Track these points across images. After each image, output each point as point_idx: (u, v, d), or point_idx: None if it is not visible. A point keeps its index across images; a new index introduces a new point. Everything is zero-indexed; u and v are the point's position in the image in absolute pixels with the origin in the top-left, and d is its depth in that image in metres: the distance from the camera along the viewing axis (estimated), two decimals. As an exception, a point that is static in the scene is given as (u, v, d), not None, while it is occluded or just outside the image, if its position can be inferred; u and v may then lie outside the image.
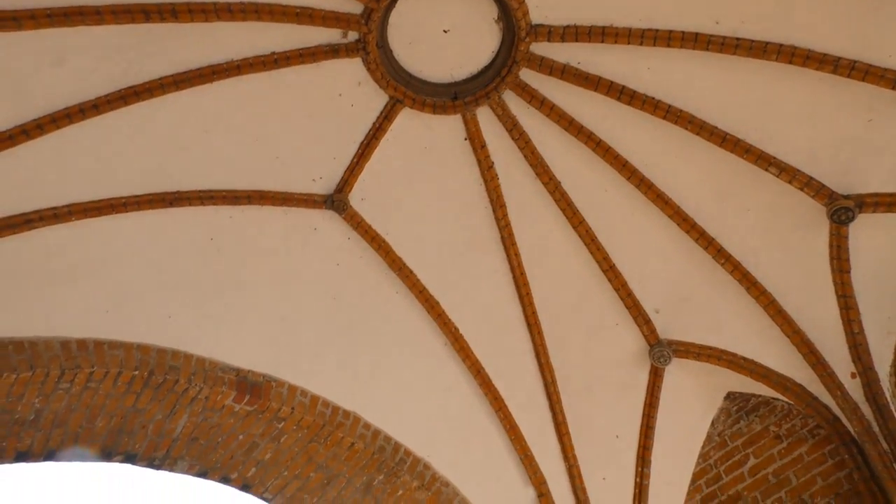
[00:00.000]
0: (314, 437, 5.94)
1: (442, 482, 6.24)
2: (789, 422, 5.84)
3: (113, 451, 5.55)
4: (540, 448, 6.39)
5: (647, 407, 6.39)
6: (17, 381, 4.65)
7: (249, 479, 6.18)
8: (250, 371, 5.66)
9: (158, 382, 5.25)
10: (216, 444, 5.81)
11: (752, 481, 5.92)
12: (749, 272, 5.70)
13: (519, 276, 6.22)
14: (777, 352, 5.78)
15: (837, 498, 5.31)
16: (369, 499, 6.29)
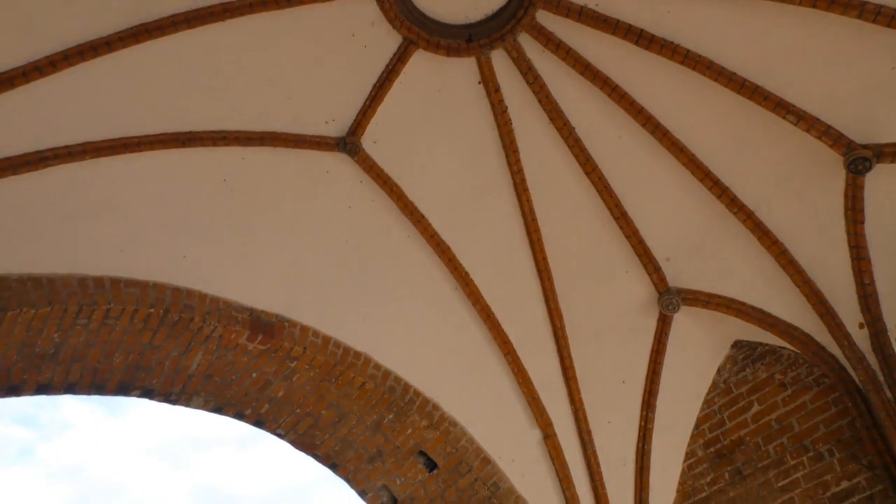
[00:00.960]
0: (326, 376, 6.06)
1: (450, 422, 6.38)
2: (794, 370, 5.90)
3: (130, 385, 5.71)
4: (547, 391, 6.50)
5: (653, 354, 6.46)
6: (37, 316, 4.75)
7: (263, 416, 6.35)
8: (263, 311, 5.74)
9: (174, 320, 5.35)
10: (230, 381, 5.96)
11: (755, 427, 6.02)
12: (761, 221, 5.68)
13: (530, 221, 6.23)
14: (786, 301, 5.80)
15: (838, 444, 5.40)
16: (379, 437, 6.46)
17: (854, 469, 5.24)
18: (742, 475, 5.96)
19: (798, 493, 5.51)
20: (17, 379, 5.18)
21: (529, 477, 6.41)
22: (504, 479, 6.38)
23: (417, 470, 6.58)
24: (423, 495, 6.64)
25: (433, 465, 6.51)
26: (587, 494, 6.42)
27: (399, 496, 6.75)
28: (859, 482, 5.18)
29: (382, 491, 6.79)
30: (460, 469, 6.42)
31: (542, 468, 6.46)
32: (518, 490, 6.36)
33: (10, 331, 4.74)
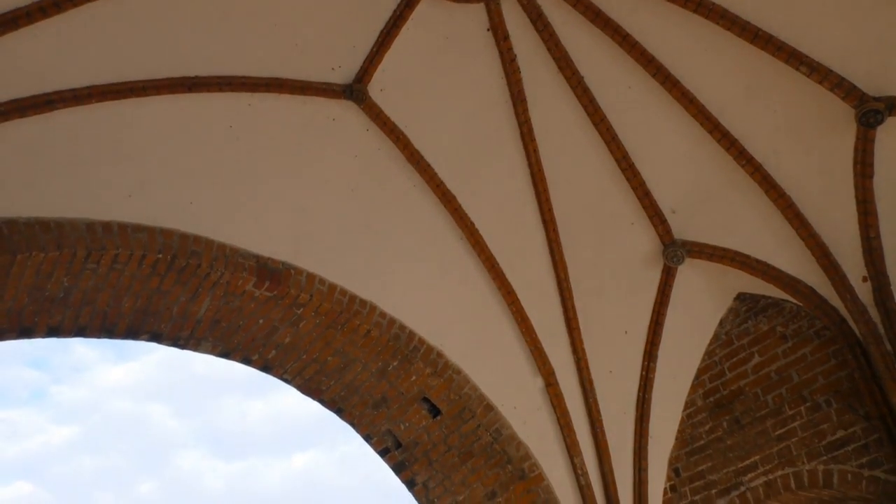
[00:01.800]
0: (332, 323, 6.13)
1: (454, 370, 6.48)
2: (796, 323, 5.95)
3: (139, 329, 5.79)
4: (549, 341, 6.58)
5: (657, 305, 6.52)
6: (46, 259, 4.79)
7: (270, 361, 6.45)
8: (270, 258, 5.78)
9: (181, 266, 5.39)
10: (237, 326, 6.03)
11: (755, 378, 6.11)
12: (769, 174, 5.66)
13: (536, 172, 6.22)
14: (790, 255, 5.83)
15: (836, 395, 5.49)
16: (384, 383, 6.57)
17: (850, 419, 5.34)
18: (740, 424, 6.08)
19: (794, 441, 5.63)
20: (29, 322, 5.25)
21: (531, 424, 6.54)
22: (506, 426, 6.51)
23: (421, 416, 6.71)
24: (426, 440, 6.78)
25: (437, 412, 6.64)
26: (587, 441, 6.55)
27: (403, 441, 6.90)
28: (855, 431, 5.29)
29: (387, 436, 6.94)
30: (463, 415, 6.55)
31: (544, 415, 6.58)
32: (520, 436, 6.49)
33: (21, 274, 4.79)
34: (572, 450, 6.49)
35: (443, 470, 6.80)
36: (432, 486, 6.94)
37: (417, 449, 6.85)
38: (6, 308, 5.03)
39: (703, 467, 6.23)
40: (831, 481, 5.29)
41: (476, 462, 6.61)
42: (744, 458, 5.93)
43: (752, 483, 5.79)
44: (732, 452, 6.04)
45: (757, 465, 5.81)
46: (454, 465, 6.73)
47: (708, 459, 6.23)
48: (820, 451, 5.44)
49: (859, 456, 5.20)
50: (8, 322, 5.16)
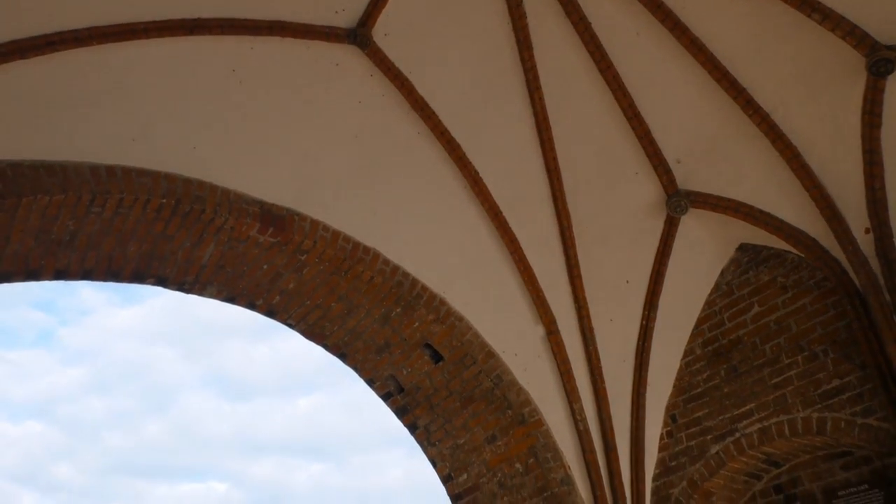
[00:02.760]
0: (335, 269, 6.18)
1: (456, 317, 6.55)
2: (797, 273, 5.98)
3: (145, 273, 5.84)
4: (551, 290, 6.63)
5: (659, 255, 6.54)
6: (51, 203, 4.81)
7: (274, 307, 6.52)
8: (273, 204, 5.79)
9: (185, 211, 5.41)
10: (242, 272, 6.08)
11: (754, 327, 6.17)
12: (776, 124, 5.61)
13: (542, 120, 6.18)
14: (794, 205, 5.82)
15: (834, 345, 5.55)
16: (387, 329, 6.65)
17: (847, 368, 5.41)
18: (737, 372, 6.17)
19: (790, 389, 5.71)
20: (36, 265, 5.30)
21: (532, 371, 6.64)
22: (507, 372, 6.60)
23: (423, 361, 6.81)
24: (428, 385, 6.90)
25: (439, 358, 6.73)
26: (587, 388, 6.65)
27: (405, 386, 7.02)
28: (850, 380, 5.36)
29: (389, 380, 7.06)
30: (465, 361, 6.65)
31: (545, 363, 6.67)
32: (520, 382, 6.60)
33: (27, 217, 4.82)
34: (572, 396, 6.60)
35: (444, 414, 6.94)
36: (433, 430, 7.09)
37: (419, 394, 6.98)
38: (13, 250, 5.08)
39: (700, 414, 6.34)
40: (825, 428, 5.39)
41: (477, 407, 6.74)
42: (740, 406, 6.03)
43: (747, 429, 5.90)
44: (729, 400, 6.15)
45: (752, 413, 5.92)
46: (455, 409, 6.86)
47: (704, 406, 6.34)
48: (815, 399, 5.53)
49: (853, 404, 5.29)
50: (15, 264, 5.21)
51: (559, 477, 6.39)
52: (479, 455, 6.83)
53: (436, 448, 7.15)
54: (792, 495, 5.92)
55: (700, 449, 6.21)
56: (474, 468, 6.87)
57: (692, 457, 6.25)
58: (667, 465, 6.43)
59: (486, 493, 6.79)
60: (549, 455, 6.45)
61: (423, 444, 7.24)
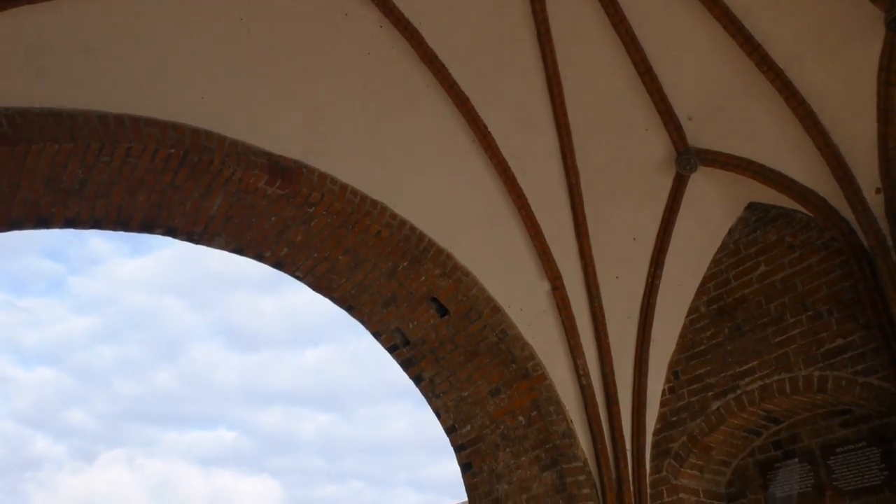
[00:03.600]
0: (343, 223, 6.20)
1: (462, 272, 6.58)
2: (805, 233, 5.97)
3: (154, 223, 5.88)
4: (558, 246, 6.64)
5: (666, 213, 6.53)
6: (60, 151, 4.82)
7: (282, 259, 6.57)
8: (282, 156, 5.78)
9: (194, 162, 5.41)
10: (250, 223, 6.11)
11: (759, 287, 6.18)
12: (790, 81, 5.53)
13: (552, 74, 6.11)
14: (805, 164, 5.77)
15: (838, 305, 5.56)
16: (394, 283, 6.70)
17: (850, 328, 5.44)
18: (741, 331, 6.21)
19: (793, 348, 5.75)
20: (46, 212, 5.34)
21: (536, 326, 6.69)
22: (512, 327, 6.66)
23: (430, 315, 6.87)
24: (434, 339, 6.98)
25: (445, 311, 6.79)
26: (590, 344, 6.71)
27: (411, 338, 7.10)
28: (853, 340, 5.39)
29: (395, 333, 7.14)
30: (470, 316, 6.70)
31: (550, 318, 6.72)
32: (525, 337, 6.66)
33: (36, 164, 4.83)
34: (575, 351, 6.66)
35: (449, 367, 7.03)
36: (438, 382, 7.19)
37: (425, 346, 7.06)
38: (23, 198, 5.11)
39: (702, 371, 6.41)
40: (825, 386, 5.44)
41: (481, 360, 6.82)
42: (742, 363, 6.09)
43: (748, 387, 5.96)
44: (731, 357, 6.20)
45: (755, 370, 5.97)
46: (460, 362, 6.95)
47: (707, 364, 6.40)
48: (817, 357, 5.57)
49: (855, 363, 5.33)
50: (25, 212, 5.25)
51: (561, 430, 6.50)
52: (482, 407, 6.94)
53: (440, 400, 7.26)
54: (790, 451, 6.01)
55: (701, 405, 6.29)
56: (478, 420, 6.99)
57: (693, 412, 6.33)
58: (668, 420, 6.53)
59: (489, 444, 6.92)
60: (552, 408, 6.54)
61: (428, 396, 7.36)
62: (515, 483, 6.70)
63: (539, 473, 6.53)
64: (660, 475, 6.34)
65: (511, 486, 6.73)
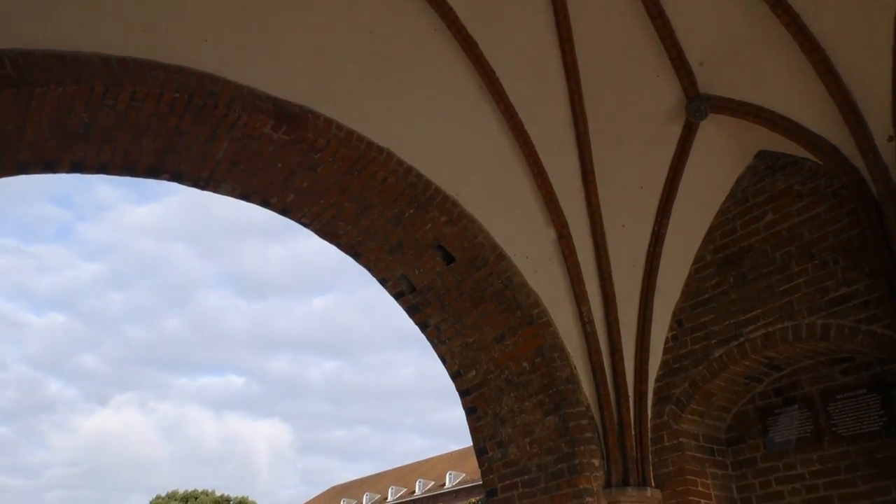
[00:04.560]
0: (349, 169, 6.17)
1: (468, 219, 6.58)
2: (814, 182, 5.93)
3: (160, 169, 5.86)
4: (565, 194, 6.62)
5: (675, 161, 6.48)
6: (64, 94, 4.78)
7: (288, 205, 6.57)
8: (287, 101, 5.72)
9: (199, 106, 5.36)
10: (256, 169, 6.09)
11: (766, 235, 6.18)
12: (805, 26, 5.41)
13: (562, 18, 5.99)
14: (817, 112, 5.69)
15: (845, 253, 5.56)
16: (400, 230, 6.70)
17: (855, 276, 5.45)
18: (746, 280, 6.22)
19: (797, 297, 5.78)
20: (52, 157, 5.33)
21: (542, 273, 6.72)
22: (517, 274, 6.69)
23: (435, 262, 6.90)
24: (439, 285, 7.02)
25: (450, 259, 6.82)
26: (595, 291, 6.74)
27: (417, 285, 7.15)
28: (858, 288, 5.40)
29: (402, 280, 7.18)
30: (476, 263, 6.73)
31: (555, 266, 6.74)
32: (530, 284, 6.69)
33: (40, 107, 4.80)
34: (580, 299, 6.70)
35: (454, 314, 7.09)
36: (444, 329, 7.27)
37: (431, 293, 7.11)
38: (28, 141, 5.10)
39: (706, 319, 6.45)
40: (828, 334, 5.48)
41: (487, 307, 6.87)
42: (746, 312, 6.12)
43: (752, 335, 6.01)
44: (735, 306, 6.23)
45: (758, 319, 6.01)
46: (466, 309, 7.00)
47: (711, 312, 6.44)
48: (821, 306, 5.59)
49: (859, 312, 5.35)
50: (31, 155, 5.25)
51: (565, 376, 6.58)
52: (487, 353, 7.02)
53: (446, 346, 7.35)
54: (791, 398, 6.09)
55: (704, 352, 6.36)
56: (482, 365, 7.09)
57: (695, 360, 6.40)
58: (670, 367, 6.60)
59: (493, 389, 7.03)
60: (556, 355, 6.62)
61: (434, 342, 7.44)
62: (519, 427, 6.82)
63: (542, 418, 6.65)
64: (661, 420, 6.45)
65: (514, 429, 6.86)
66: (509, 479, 6.82)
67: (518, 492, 6.69)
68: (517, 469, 6.76)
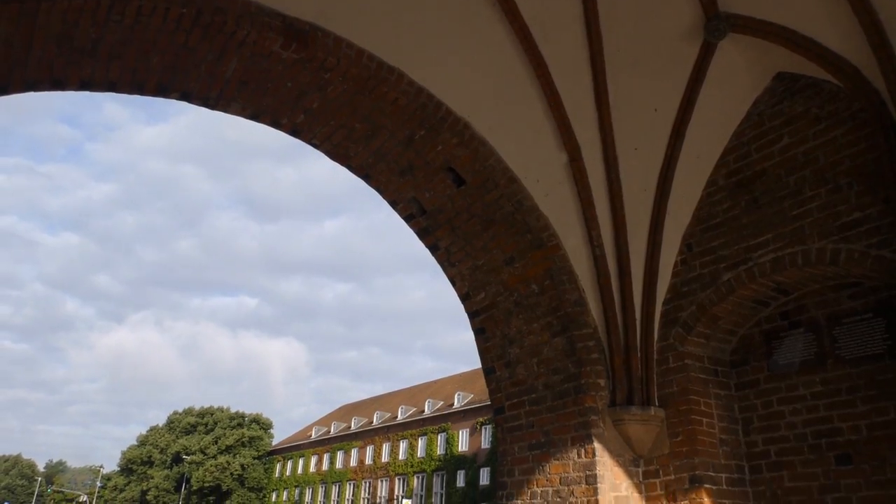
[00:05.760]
0: (359, 89, 6.10)
1: (479, 141, 6.52)
2: (833, 104, 5.81)
3: (169, 87, 5.81)
4: (577, 116, 6.53)
5: (691, 82, 6.34)
6: (70, 7, 4.71)
7: (298, 126, 6.52)
8: (296, 18, 5.61)
9: (206, 22, 5.28)
10: (266, 89, 6.03)
11: (781, 159, 6.11)
12: (833, -61, 5.19)
13: (579, -69, 5.76)
14: (839, 31, 5.52)
15: (859, 177, 5.50)
16: (410, 151, 6.67)
17: (869, 201, 5.40)
18: (758, 204, 6.19)
19: (809, 221, 5.75)
20: (60, 74, 5.29)
21: (553, 197, 6.70)
22: (528, 198, 6.67)
23: (446, 185, 6.89)
24: (450, 208, 7.03)
25: (461, 181, 6.80)
26: (606, 216, 6.72)
27: (428, 208, 7.17)
28: (871, 213, 5.37)
29: (412, 202, 7.19)
30: (487, 186, 6.71)
31: (566, 189, 6.71)
32: (540, 208, 6.68)
33: (47, 22, 4.74)
34: (590, 223, 6.70)
35: (464, 236, 7.13)
36: (454, 251, 7.32)
37: (441, 216, 7.13)
38: (37, 58, 5.05)
39: (716, 243, 6.46)
40: (838, 259, 5.48)
41: (497, 230, 6.90)
42: (756, 236, 6.12)
43: (761, 259, 6.02)
44: (746, 230, 6.22)
45: (768, 243, 6.01)
46: (476, 232, 7.03)
47: (721, 236, 6.44)
48: (832, 230, 5.58)
49: (870, 236, 5.33)
50: (39, 73, 5.21)
51: (573, 298, 6.65)
52: (496, 275, 7.09)
53: (455, 268, 7.42)
54: (796, 322, 6.15)
55: (712, 276, 6.39)
56: (492, 287, 7.17)
57: (703, 283, 6.44)
58: (678, 291, 6.66)
59: (502, 311, 7.13)
60: (565, 278, 6.67)
61: (444, 265, 7.51)
62: (527, 347, 6.96)
63: (550, 339, 6.77)
64: (667, 342, 6.55)
65: (522, 350, 7.00)
66: (516, 398, 7.01)
67: (525, 409, 6.88)
68: (524, 388, 6.94)
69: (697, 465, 5.96)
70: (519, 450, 6.81)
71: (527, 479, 6.61)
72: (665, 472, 6.17)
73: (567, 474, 6.27)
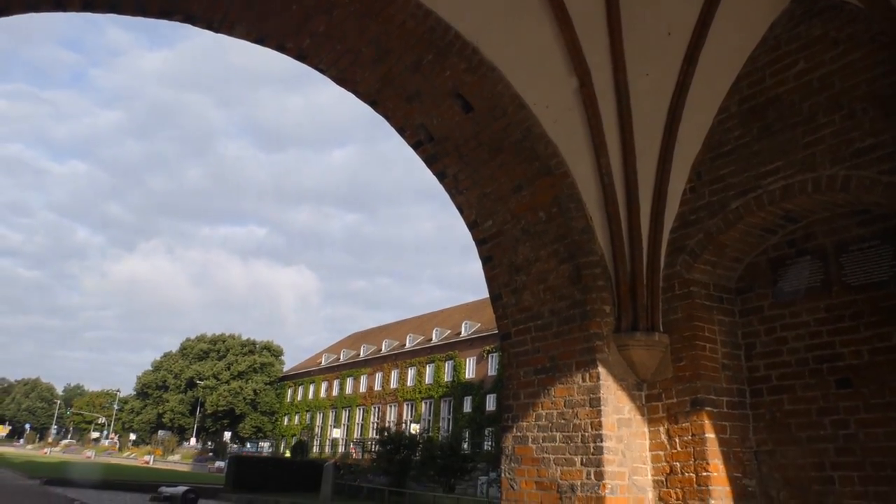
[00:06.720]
0: (366, 11, 5.96)
1: (488, 67, 6.40)
2: (852, 27, 5.65)
3: (172, 10, 5.70)
4: (588, 40, 6.37)
5: (706, 5, 6.15)
6: (68, -75, 4.58)
7: (304, 50, 6.42)
8: (300, -64, 5.45)
9: (208, -60, 5.13)
10: (271, 11, 5.91)
11: (795, 85, 5.99)
12: None
13: None
14: (863, -51, 5.32)
15: (875, 103, 5.40)
16: (418, 77, 6.57)
17: (883, 126, 5.32)
18: (770, 131, 6.11)
19: (821, 148, 5.69)
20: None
21: (562, 123, 6.62)
22: (537, 125, 6.59)
23: (454, 111, 6.81)
24: (458, 135, 6.97)
25: (469, 108, 6.72)
26: (615, 143, 6.65)
27: (435, 135, 7.11)
28: (885, 139, 5.29)
29: (420, 129, 7.13)
30: (495, 113, 6.63)
31: (575, 116, 6.62)
32: (549, 135, 6.61)
33: (45, -60, 4.62)
34: (599, 150, 6.63)
35: (472, 164, 7.09)
36: (461, 179, 7.30)
37: (449, 143, 7.08)
38: (37, -22, 4.94)
39: (726, 171, 6.41)
40: (848, 186, 5.44)
41: (505, 157, 6.85)
42: (767, 164, 6.06)
43: (770, 186, 5.98)
44: (757, 158, 6.17)
45: (778, 170, 5.96)
46: (483, 159, 6.99)
47: (731, 164, 6.38)
48: (845, 157, 5.52)
49: (882, 163, 5.27)
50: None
51: (580, 226, 6.66)
52: (504, 203, 7.09)
53: (463, 196, 7.42)
54: (803, 249, 6.16)
55: (721, 204, 6.37)
56: (499, 215, 7.18)
57: (712, 211, 6.43)
58: (686, 219, 6.65)
59: (510, 238, 7.16)
60: (573, 206, 6.66)
61: (452, 193, 7.50)
62: (534, 275, 7.02)
63: (556, 266, 6.82)
64: (673, 269, 6.59)
65: (529, 277, 7.06)
66: (523, 324, 7.12)
67: (531, 335, 7.00)
68: (531, 314, 7.03)
69: (699, 389, 6.10)
70: (524, 374, 6.96)
71: (532, 403, 6.79)
72: (667, 396, 6.32)
73: (571, 397, 6.43)
